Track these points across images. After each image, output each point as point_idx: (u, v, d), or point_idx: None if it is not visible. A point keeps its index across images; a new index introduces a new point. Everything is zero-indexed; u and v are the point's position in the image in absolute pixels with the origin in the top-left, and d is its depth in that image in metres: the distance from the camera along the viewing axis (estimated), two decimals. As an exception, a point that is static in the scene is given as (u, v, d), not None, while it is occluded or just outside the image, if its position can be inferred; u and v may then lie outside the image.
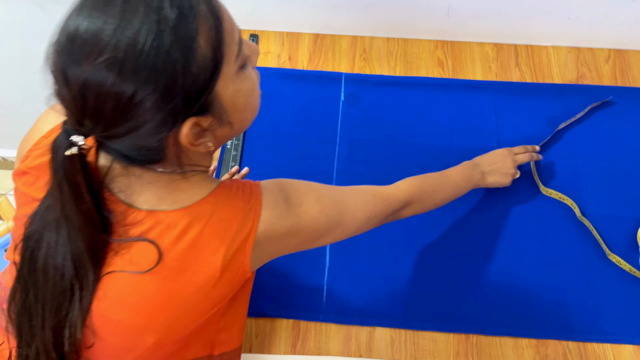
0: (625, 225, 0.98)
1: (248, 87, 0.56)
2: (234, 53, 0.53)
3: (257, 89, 0.60)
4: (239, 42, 0.54)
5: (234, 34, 0.53)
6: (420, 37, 1.20)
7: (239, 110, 0.56)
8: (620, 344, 0.89)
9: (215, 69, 0.50)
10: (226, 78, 0.52)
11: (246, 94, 0.56)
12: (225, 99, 0.53)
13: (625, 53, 1.18)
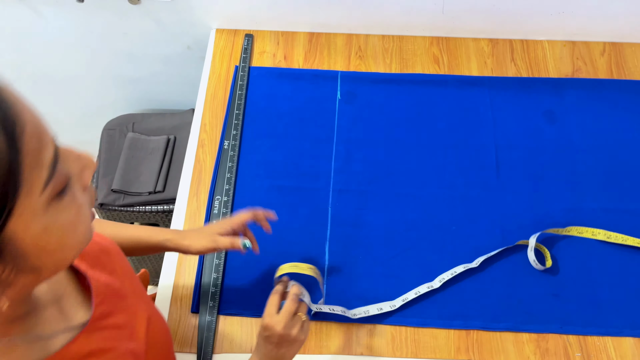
0: (622, 217, 0.98)
1: (66, 221, 0.40)
2: (42, 179, 0.37)
3: (83, 228, 0.42)
4: (52, 166, 0.37)
5: (43, 153, 0.37)
6: (415, 33, 1.21)
7: (48, 252, 0.39)
8: (621, 337, 0.89)
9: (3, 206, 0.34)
10: (27, 214, 0.36)
11: (62, 230, 0.40)
12: (27, 242, 0.37)
13: (620, 46, 1.19)
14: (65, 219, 0.40)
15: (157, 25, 1.23)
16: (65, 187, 0.39)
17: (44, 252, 0.39)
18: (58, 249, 0.40)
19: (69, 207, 0.40)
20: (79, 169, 0.41)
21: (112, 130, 1.42)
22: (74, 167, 0.41)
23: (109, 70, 1.42)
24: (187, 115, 1.42)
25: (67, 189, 0.40)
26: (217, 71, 1.16)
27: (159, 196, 1.29)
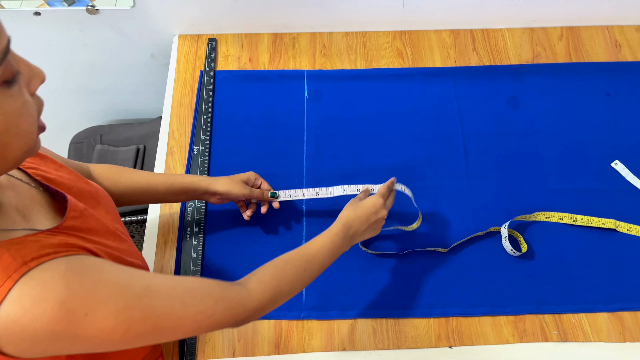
0: (587, 196, 1.01)
1: (13, 107, 0.44)
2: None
3: (30, 119, 0.47)
4: (4, 52, 0.43)
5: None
6: (378, 29, 1.22)
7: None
8: (595, 313, 0.91)
9: None
10: None
11: (10, 114, 0.44)
12: None
13: (577, 30, 1.22)
14: (11, 105, 0.44)
15: (118, 35, 1.22)
16: (14, 79, 0.44)
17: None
18: (3, 131, 0.44)
19: (16, 97, 0.45)
20: (28, 75, 0.47)
21: (80, 143, 1.39)
22: (25, 71, 0.46)
23: (72, 83, 1.39)
24: (155, 123, 1.41)
25: (15, 82, 0.44)
26: (182, 77, 1.16)
27: (131, 207, 1.27)
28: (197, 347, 0.88)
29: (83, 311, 0.49)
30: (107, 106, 1.50)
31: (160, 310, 0.55)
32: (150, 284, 0.56)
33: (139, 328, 0.53)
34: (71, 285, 0.49)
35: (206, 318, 0.60)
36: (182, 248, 0.96)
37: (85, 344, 0.51)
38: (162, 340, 0.57)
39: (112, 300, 0.51)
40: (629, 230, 0.97)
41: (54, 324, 0.47)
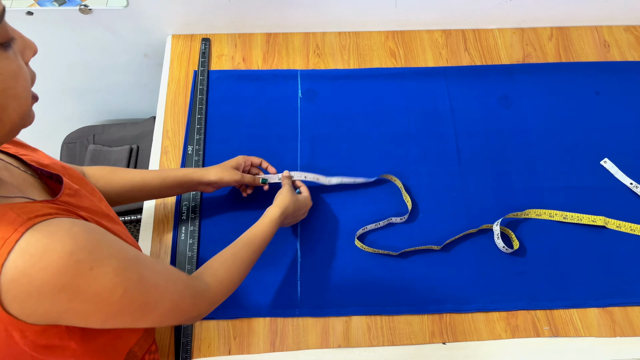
0: (578, 193, 1.03)
1: (9, 68, 0.47)
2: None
3: (25, 83, 0.50)
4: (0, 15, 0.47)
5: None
6: (370, 29, 1.22)
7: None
8: (586, 308, 0.93)
9: None
10: None
11: (6, 74, 0.47)
12: None
13: (566, 30, 1.23)
14: (7, 66, 0.47)
15: (112, 35, 1.22)
16: (9, 43, 0.47)
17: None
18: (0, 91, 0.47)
19: (11, 60, 0.48)
20: (22, 45, 0.50)
21: (72, 143, 1.39)
22: (18, 40, 0.49)
23: (65, 83, 1.39)
24: (148, 123, 1.41)
25: (9, 46, 0.48)
26: (176, 77, 1.16)
27: (125, 207, 1.27)
28: (192, 345, 0.88)
29: (89, 265, 0.50)
30: (100, 106, 1.50)
31: (150, 279, 0.58)
32: (138, 254, 0.59)
33: (134, 292, 0.56)
34: (78, 238, 0.50)
35: (180, 300, 0.63)
36: (176, 249, 0.97)
37: (86, 304, 0.52)
38: (147, 316, 0.59)
39: (113, 257, 0.54)
40: (618, 227, 0.99)
41: (61, 274, 0.48)
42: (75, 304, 0.51)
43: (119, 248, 0.56)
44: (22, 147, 0.68)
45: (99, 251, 0.52)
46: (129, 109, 1.51)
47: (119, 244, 0.57)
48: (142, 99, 1.45)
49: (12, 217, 0.49)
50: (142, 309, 0.58)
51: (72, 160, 1.36)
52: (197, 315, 0.69)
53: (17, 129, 0.52)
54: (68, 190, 0.62)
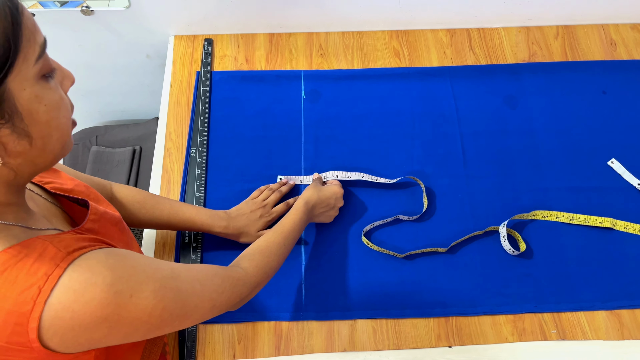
0: (584, 195, 1.02)
1: (53, 99, 0.50)
2: (35, 53, 0.47)
3: (67, 113, 0.52)
4: (43, 46, 0.48)
5: (36, 34, 0.48)
6: (374, 28, 1.21)
7: (39, 121, 0.49)
8: (593, 311, 0.92)
9: (6, 57, 0.44)
10: (22, 76, 0.46)
11: (50, 105, 0.49)
12: (21, 102, 0.47)
13: (573, 28, 1.22)
14: (51, 97, 0.49)
15: (114, 36, 1.21)
16: (51, 74, 0.50)
17: (34, 118, 0.48)
18: (45, 122, 0.49)
19: (54, 90, 0.50)
20: (61, 76, 0.53)
21: (75, 144, 1.39)
22: (57, 71, 0.52)
23: (67, 84, 1.38)
24: (151, 124, 1.40)
25: (51, 76, 0.50)
26: (179, 78, 1.15)
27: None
28: (197, 350, 0.88)
29: (129, 293, 0.52)
30: (102, 107, 1.50)
31: (186, 290, 0.59)
32: (173, 268, 0.60)
33: (172, 307, 0.56)
34: (116, 269, 0.52)
35: (218, 295, 0.65)
36: (180, 251, 0.96)
37: (127, 328, 0.53)
38: (187, 321, 0.61)
39: (150, 281, 0.55)
40: (626, 228, 0.98)
41: (103, 306, 0.50)
42: (115, 330, 0.52)
43: (154, 267, 0.57)
44: (46, 172, 0.68)
45: (136, 277, 0.53)
46: (131, 110, 1.50)
47: (153, 264, 0.57)
48: (145, 100, 1.45)
49: (52, 252, 0.50)
50: (180, 318, 0.59)
51: (75, 162, 1.35)
52: (239, 301, 0.70)
53: (59, 158, 0.54)
54: (93, 215, 0.63)
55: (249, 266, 0.74)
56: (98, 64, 1.32)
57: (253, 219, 0.93)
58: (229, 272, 0.69)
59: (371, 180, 1.01)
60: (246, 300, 0.73)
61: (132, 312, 0.52)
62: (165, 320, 0.56)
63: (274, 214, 0.95)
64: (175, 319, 0.58)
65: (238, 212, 0.94)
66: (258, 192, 0.99)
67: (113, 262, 0.52)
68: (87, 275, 0.49)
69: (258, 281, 0.74)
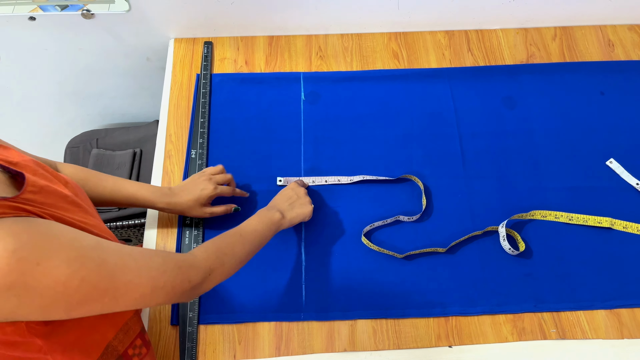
0: (583, 194, 1.02)
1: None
2: None
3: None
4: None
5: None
6: (373, 30, 1.22)
7: None
8: (593, 310, 0.92)
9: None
10: None
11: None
12: None
13: (570, 29, 1.23)
14: None
15: (114, 39, 1.22)
16: None
17: None
18: None
19: None
20: None
21: (76, 147, 1.39)
22: None
23: (68, 87, 1.39)
24: (151, 127, 1.41)
25: None
26: (179, 81, 1.16)
27: (129, 211, 1.27)
28: (197, 350, 0.88)
29: (35, 260, 0.49)
30: (103, 110, 1.50)
31: (114, 262, 0.57)
32: (99, 240, 0.58)
33: (95, 279, 0.54)
34: (20, 236, 0.50)
35: (160, 275, 0.62)
36: (181, 251, 0.96)
37: (40, 299, 0.51)
38: (122, 300, 0.58)
39: (63, 249, 0.52)
40: (624, 228, 0.98)
41: (5, 273, 0.48)
42: (27, 300, 0.50)
43: (72, 237, 0.55)
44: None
45: (46, 245, 0.51)
46: (132, 113, 1.51)
47: (72, 234, 0.55)
48: (145, 103, 1.45)
49: None
50: (110, 294, 0.56)
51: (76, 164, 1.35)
52: (190, 287, 0.67)
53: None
54: (32, 187, 0.61)
55: (197, 251, 0.72)
56: (98, 67, 1.32)
57: (195, 192, 0.92)
58: (173, 255, 0.67)
59: (372, 179, 1.02)
60: (200, 288, 0.69)
61: (41, 280, 0.50)
62: (89, 294, 0.54)
63: (218, 189, 0.94)
64: (102, 294, 0.55)
65: (180, 188, 0.93)
66: (209, 169, 0.98)
67: (19, 229, 0.50)
68: None
69: (208, 265, 0.70)
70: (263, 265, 0.95)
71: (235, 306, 0.91)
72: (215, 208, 0.95)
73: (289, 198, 0.93)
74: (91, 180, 0.87)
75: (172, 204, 0.91)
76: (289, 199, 0.92)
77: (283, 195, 0.93)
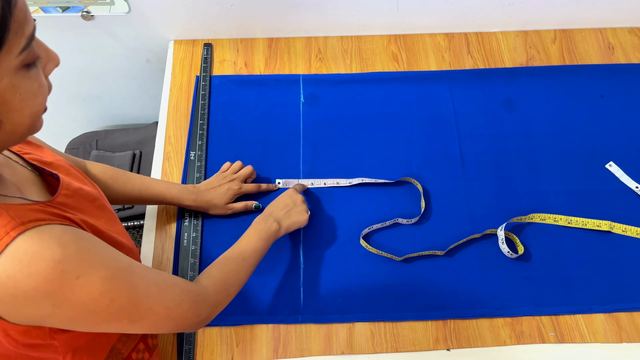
0: (582, 197, 1.02)
1: (30, 89, 0.49)
2: (20, 45, 0.46)
3: (42, 100, 0.51)
4: (30, 38, 0.47)
5: (25, 26, 0.46)
6: (373, 33, 1.22)
7: (11, 109, 0.48)
8: (591, 314, 0.92)
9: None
10: (2, 68, 0.46)
11: (26, 94, 0.48)
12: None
13: (570, 32, 1.23)
14: (29, 86, 0.48)
15: (114, 40, 1.22)
16: (34, 64, 0.49)
17: (7, 106, 0.47)
18: (18, 109, 0.48)
19: (34, 79, 0.49)
20: (46, 59, 0.51)
21: (75, 149, 1.39)
22: (43, 55, 0.50)
23: (67, 89, 1.39)
24: (151, 129, 1.41)
25: (35, 65, 0.49)
26: (178, 82, 1.16)
27: (128, 212, 1.27)
28: (195, 352, 0.88)
29: (76, 274, 0.51)
30: (102, 112, 1.50)
31: (141, 288, 0.59)
32: (131, 263, 0.59)
33: (122, 301, 0.56)
34: (67, 247, 0.51)
35: (176, 306, 0.63)
36: (179, 255, 0.96)
37: (71, 311, 0.53)
38: (138, 323, 0.60)
39: (102, 267, 0.54)
40: (624, 231, 0.98)
41: (47, 282, 0.49)
42: (60, 310, 0.52)
43: (110, 257, 0.56)
44: (28, 145, 0.69)
45: (88, 260, 0.53)
46: (131, 115, 1.51)
47: (110, 253, 0.57)
48: (145, 105, 1.46)
49: (5, 220, 0.50)
50: (131, 317, 0.58)
51: (75, 166, 1.36)
52: (197, 321, 0.69)
53: (24, 139, 0.54)
54: (65, 190, 0.62)
55: (209, 283, 0.73)
56: (98, 69, 1.33)
57: (221, 192, 0.96)
58: (189, 286, 0.68)
59: (371, 182, 1.02)
60: (205, 321, 0.71)
61: (77, 294, 0.51)
62: (114, 313, 0.56)
63: (242, 188, 0.98)
64: (125, 315, 0.57)
65: (207, 186, 0.97)
66: (227, 165, 1.02)
67: (67, 240, 0.52)
68: (35, 248, 0.49)
69: (218, 299, 0.73)
70: (261, 268, 0.95)
71: (233, 308, 0.91)
72: (235, 205, 0.98)
73: (285, 206, 0.92)
74: (120, 179, 0.89)
75: (198, 200, 0.95)
76: (286, 207, 0.92)
77: (280, 202, 0.93)
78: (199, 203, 0.95)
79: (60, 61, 0.55)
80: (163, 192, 0.93)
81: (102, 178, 0.87)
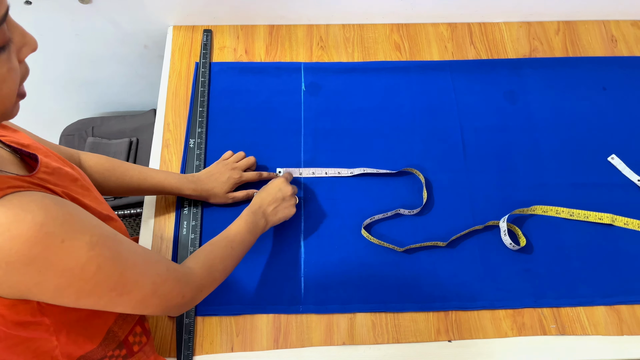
0: (584, 190, 1.02)
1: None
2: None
3: (11, 84, 0.48)
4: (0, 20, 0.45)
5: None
6: (375, 21, 1.21)
7: None
8: (593, 306, 0.92)
9: None
10: None
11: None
12: None
13: (574, 24, 1.22)
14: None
15: (111, 25, 1.20)
16: (4, 46, 0.46)
17: None
18: None
19: (2, 64, 0.46)
20: (21, 42, 0.48)
21: (71, 136, 1.37)
22: (17, 38, 0.48)
23: (63, 74, 1.37)
24: (148, 116, 1.39)
25: (5, 49, 0.46)
26: (177, 69, 1.14)
27: (125, 200, 1.26)
28: (195, 342, 0.87)
29: (60, 237, 0.50)
30: (99, 98, 1.48)
31: (127, 258, 0.57)
32: (117, 233, 0.58)
33: (109, 269, 0.54)
34: (49, 211, 0.50)
35: (162, 282, 0.62)
36: (178, 244, 0.95)
37: (58, 278, 0.51)
38: (125, 297, 0.58)
39: (87, 232, 0.53)
40: (625, 224, 0.98)
41: (30, 245, 0.48)
42: (46, 277, 0.50)
43: (95, 223, 0.55)
44: (3, 129, 0.67)
45: (72, 224, 0.51)
46: (128, 101, 1.49)
47: (94, 220, 0.56)
48: (142, 91, 1.43)
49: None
50: (118, 289, 0.57)
51: (71, 153, 1.33)
52: (182, 302, 0.67)
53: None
54: (45, 168, 0.61)
55: (194, 266, 0.72)
56: (95, 54, 1.30)
57: (221, 181, 0.95)
58: (175, 266, 0.67)
59: (373, 172, 1.01)
60: (190, 304, 0.70)
61: (62, 259, 0.50)
62: (101, 283, 0.54)
63: (243, 177, 0.97)
64: (111, 287, 0.56)
65: (207, 175, 0.96)
66: (229, 153, 1.01)
67: (49, 203, 0.50)
68: (16, 211, 0.48)
69: (202, 282, 0.72)
70: (262, 257, 0.94)
71: (233, 298, 0.90)
72: (236, 194, 0.97)
73: (275, 200, 0.90)
74: (118, 170, 0.88)
75: (198, 190, 0.94)
76: (275, 202, 0.90)
77: (269, 195, 0.90)
78: (199, 192, 0.94)
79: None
80: (162, 182, 0.92)
81: (98, 170, 0.86)
